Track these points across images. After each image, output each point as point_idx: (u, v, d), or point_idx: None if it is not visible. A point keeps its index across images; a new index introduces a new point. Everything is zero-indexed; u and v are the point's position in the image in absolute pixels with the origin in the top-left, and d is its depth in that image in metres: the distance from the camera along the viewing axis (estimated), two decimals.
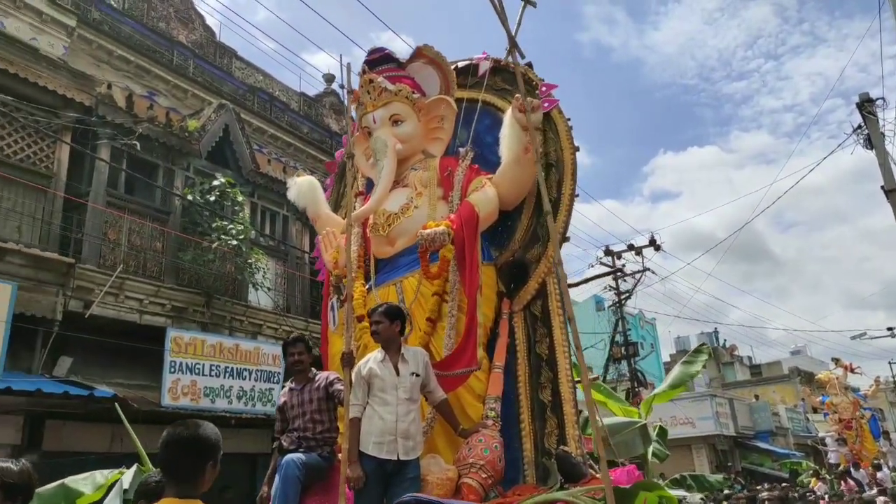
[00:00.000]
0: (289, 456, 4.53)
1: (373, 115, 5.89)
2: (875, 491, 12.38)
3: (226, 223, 13.22)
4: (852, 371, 23.62)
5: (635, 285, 25.13)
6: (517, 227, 5.67)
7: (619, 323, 25.51)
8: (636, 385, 24.53)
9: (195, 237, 13.07)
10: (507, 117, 5.34)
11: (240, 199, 13.90)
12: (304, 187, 6.10)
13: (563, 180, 5.54)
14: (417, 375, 4.53)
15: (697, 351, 6.70)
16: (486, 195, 5.41)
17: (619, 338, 25.37)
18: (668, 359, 43.44)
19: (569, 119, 5.76)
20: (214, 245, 12.94)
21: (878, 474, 17.96)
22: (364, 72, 6.00)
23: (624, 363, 25.58)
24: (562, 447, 4.78)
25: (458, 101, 6.03)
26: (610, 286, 25.50)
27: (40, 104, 10.96)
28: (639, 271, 25.11)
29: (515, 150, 5.30)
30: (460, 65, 6.27)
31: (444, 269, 5.09)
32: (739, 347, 47.65)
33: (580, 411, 5.35)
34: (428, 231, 4.93)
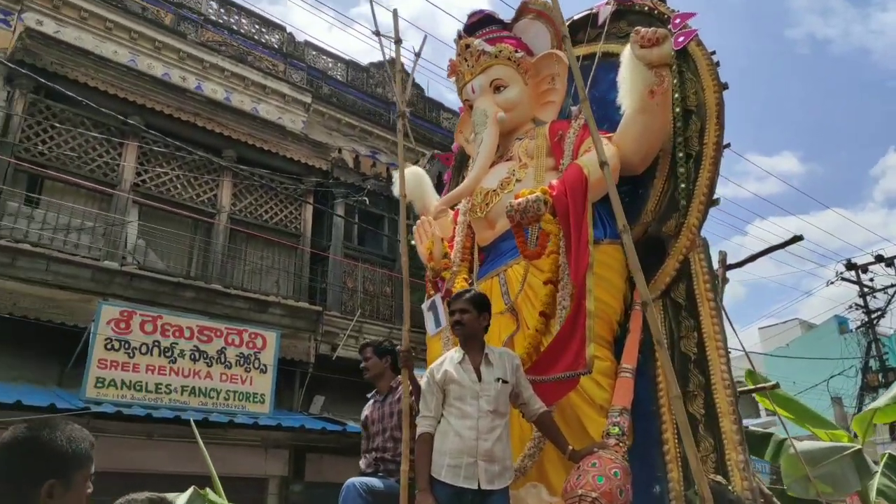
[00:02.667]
0: (351, 480, 3.44)
1: (471, 85, 4.75)
2: None
3: None
4: None
5: (889, 301, 21.09)
6: (649, 194, 4.22)
7: (872, 346, 21.41)
8: None
9: (419, 280, 12.93)
10: (626, 55, 3.96)
11: None
12: (409, 179, 4.96)
13: (705, 128, 4.02)
14: (505, 382, 3.28)
15: None
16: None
17: (873, 363, 21.37)
18: None
19: (713, 52, 4.24)
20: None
21: None
22: (460, 37, 4.86)
23: (883, 392, 21.21)
24: (713, 476, 3.25)
25: (579, 59, 4.67)
26: (856, 304, 21.59)
27: (288, 173, 12.36)
28: (892, 286, 21.04)
29: (638, 95, 3.90)
30: (577, 18, 4.93)
31: (543, 245, 3.76)
32: None
33: (748, 428, 3.75)
34: (518, 200, 3.69)
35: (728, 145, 4.12)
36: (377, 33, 3.51)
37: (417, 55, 3.94)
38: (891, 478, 4.58)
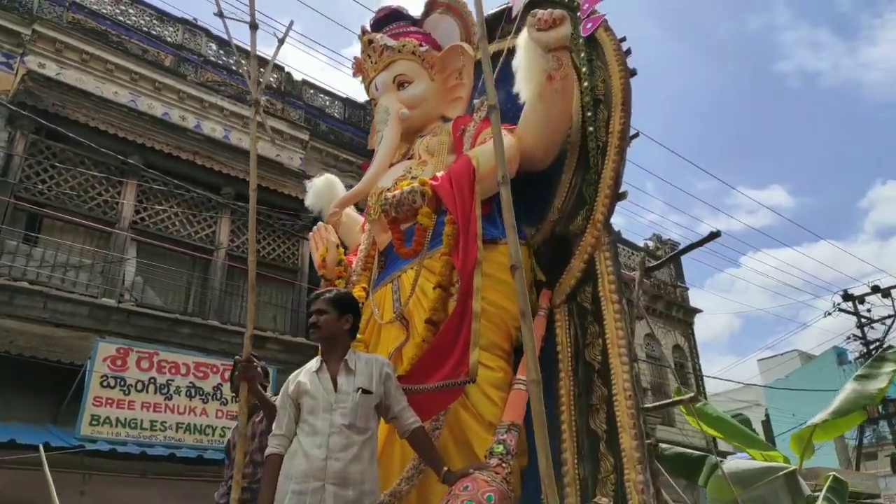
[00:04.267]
0: None
1: (375, 82, 4.46)
2: None
3: None
4: None
5: (886, 332, 20.54)
6: (556, 190, 3.81)
7: None
8: None
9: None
10: (522, 39, 3.62)
11: None
12: (320, 187, 4.66)
13: (611, 116, 3.63)
14: (368, 392, 2.88)
15: (880, 359, 3.95)
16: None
17: None
18: None
19: (622, 39, 3.87)
20: None
21: None
22: (364, 33, 4.59)
23: (884, 424, 20.61)
24: (597, 500, 2.78)
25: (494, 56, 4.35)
26: (855, 335, 21.12)
27: (286, 209, 12.18)
28: (889, 316, 20.51)
29: (536, 81, 3.55)
30: (493, 13, 4.61)
31: (420, 243, 3.38)
32: None
33: (656, 445, 3.26)
34: (393, 192, 3.36)
35: (636, 135, 3.73)
36: (220, 15, 3.26)
37: (280, 42, 3.67)
38: (833, 502, 3.96)
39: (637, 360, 3.34)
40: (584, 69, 3.82)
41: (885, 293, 20.12)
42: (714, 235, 3.73)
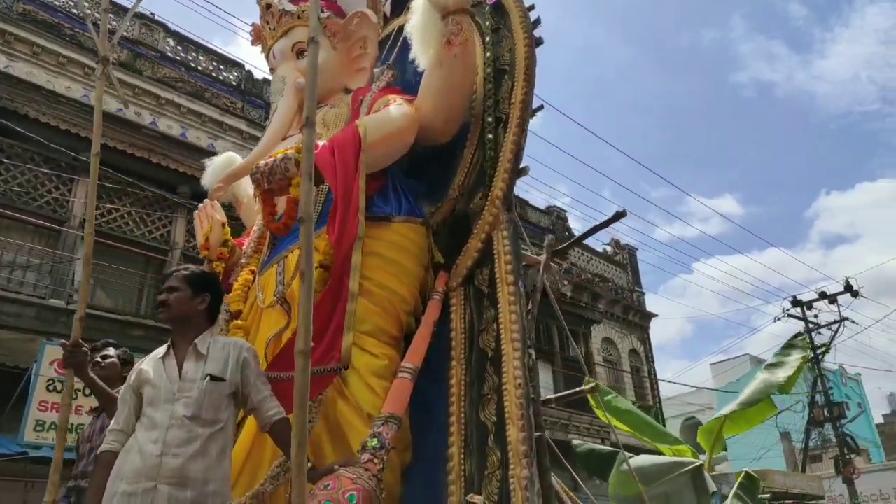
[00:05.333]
0: None
1: (273, 50, 4.03)
2: None
3: None
4: None
5: (832, 338, 20.46)
6: (457, 166, 3.43)
7: (819, 381, 20.63)
8: (846, 452, 19.50)
9: None
10: (418, 3, 3.24)
11: None
12: (217, 164, 4.16)
13: (514, 86, 3.26)
14: (218, 379, 2.45)
15: (789, 346, 3.60)
16: (386, 114, 3.28)
17: (819, 398, 20.55)
18: (882, 420, 35.39)
19: (530, 7, 3.51)
20: None
21: None
22: None
23: (829, 427, 20.58)
24: (469, 497, 2.39)
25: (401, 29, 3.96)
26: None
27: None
28: (835, 322, 20.43)
29: (434, 46, 3.18)
30: None
31: (291, 216, 2.96)
32: None
33: (544, 437, 2.87)
34: (265, 160, 2.96)
35: (540, 107, 3.37)
36: None
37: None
38: (744, 499, 3.61)
39: (532, 347, 2.96)
40: (488, 38, 3.47)
41: (832, 299, 20.08)
42: (620, 215, 3.39)
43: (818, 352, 20.06)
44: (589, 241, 19.30)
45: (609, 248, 19.50)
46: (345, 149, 2.95)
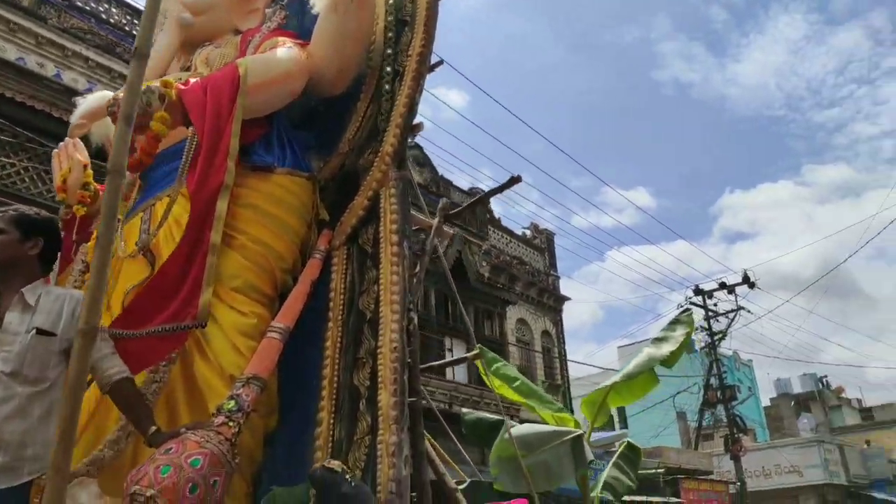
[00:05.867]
0: None
1: None
2: None
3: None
4: None
5: (729, 325, 21.62)
6: (349, 119, 3.18)
7: (714, 365, 21.66)
8: (735, 431, 20.55)
9: None
10: None
11: None
12: (88, 102, 3.71)
13: (413, 38, 3.05)
14: (47, 334, 2.14)
15: (675, 322, 3.58)
16: (272, 56, 3.00)
17: (714, 381, 21.55)
18: (769, 403, 37.58)
19: None
20: None
21: None
22: None
23: (721, 408, 21.63)
24: (326, 463, 2.19)
25: None
26: (702, 327, 21.89)
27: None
28: (732, 311, 21.48)
29: None
30: None
31: (149, 152, 2.64)
32: (847, 389, 40.48)
33: (419, 403, 2.71)
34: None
35: (440, 63, 3.18)
36: None
37: None
38: (623, 469, 3.61)
39: (414, 311, 2.79)
40: None
41: (730, 290, 21.05)
42: (515, 180, 3.25)
43: (715, 338, 21.01)
44: (508, 224, 19.33)
45: (528, 232, 19.64)
46: (219, 89, 2.65)
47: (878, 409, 39.51)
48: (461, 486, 3.15)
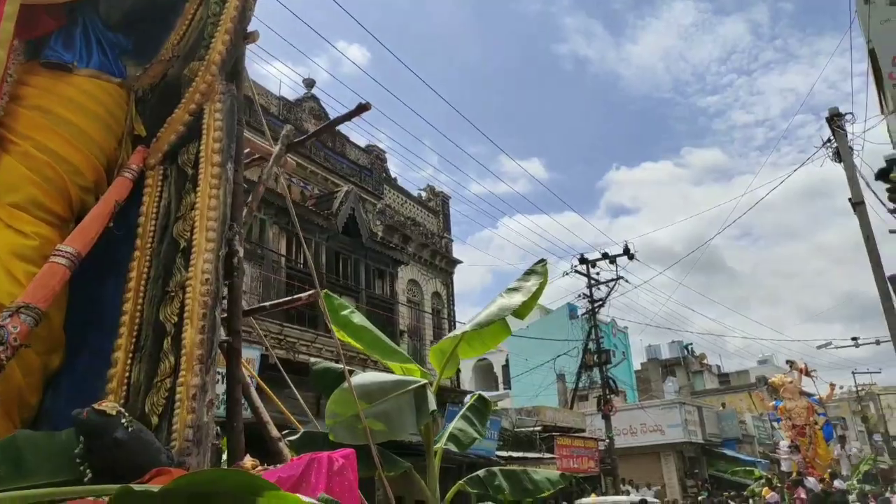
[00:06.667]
0: None
1: None
2: None
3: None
4: (808, 374, 20.07)
5: (608, 293, 22.36)
6: (175, 23, 2.74)
7: (593, 331, 22.49)
8: (608, 392, 21.50)
9: None
10: None
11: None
12: None
13: None
14: None
15: (530, 272, 3.44)
16: None
17: (592, 346, 22.37)
18: (640, 367, 39.93)
19: None
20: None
21: (836, 483, 14.49)
22: None
23: (597, 371, 22.52)
24: (97, 405, 1.84)
25: None
26: (584, 294, 22.60)
27: None
28: (612, 280, 22.28)
29: None
30: None
31: None
32: (708, 356, 43.75)
33: (237, 344, 2.39)
34: None
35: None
36: None
37: None
38: (471, 420, 3.50)
39: (239, 243, 2.44)
40: None
41: (612, 260, 21.79)
42: (363, 108, 2.95)
43: (595, 305, 21.79)
44: (404, 185, 19.00)
45: (423, 194, 19.39)
46: None
47: (734, 375, 43.13)
48: (294, 437, 2.87)
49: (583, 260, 22.03)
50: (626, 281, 22.29)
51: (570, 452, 18.72)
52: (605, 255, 21.94)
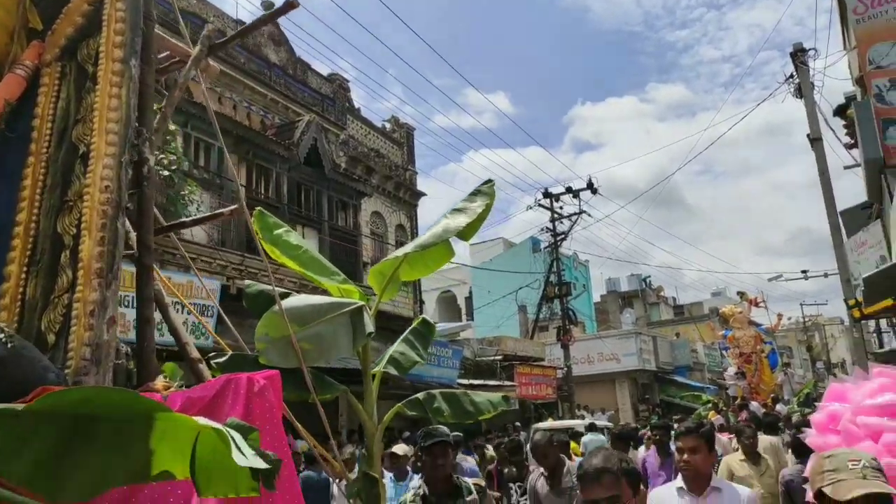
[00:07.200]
0: None
1: None
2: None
3: (157, 153, 10.31)
4: (757, 305, 20.77)
5: (571, 227, 22.52)
6: None
7: (554, 264, 22.69)
8: (568, 323, 21.89)
9: None
10: None
11: (172, 128, 10.96)
12: None
13: None
14: None
15: (476, 192, 3.27)
16: None
17: (553, 278, 22.60)
18: (599, 299, 40.80)
19: None
20: None
21: (777, 406, 15.20)
22: None
23: (557, 303, 22.84)
24: None
25: None
26: (547, 228, 22.75)
27: None
28: (575, 213, 22.35)
29: None
30: None
31: None
32: (665, 289, 44.94)
33: (149, 262, 2.20)
34: None
35: None
36: None
37: None
38: (413, 343, 3.41)
39: (145, 150, 2.21)
40: None
41: (576, 194, 21.80)
42: (291, 5, 2.67)
43: (557, 238, 21.92)
44: (368, 116, 18.47)
45: (388, 125, 18.89)
46: None
47: (689, 307, 44.49)
48: (222, 360, 2.73)
49: (546, 194, 22.00)
50: (589, 215, 22.40)
51: (530, 380, 19.16)
52: (568, 189, 21.92)
